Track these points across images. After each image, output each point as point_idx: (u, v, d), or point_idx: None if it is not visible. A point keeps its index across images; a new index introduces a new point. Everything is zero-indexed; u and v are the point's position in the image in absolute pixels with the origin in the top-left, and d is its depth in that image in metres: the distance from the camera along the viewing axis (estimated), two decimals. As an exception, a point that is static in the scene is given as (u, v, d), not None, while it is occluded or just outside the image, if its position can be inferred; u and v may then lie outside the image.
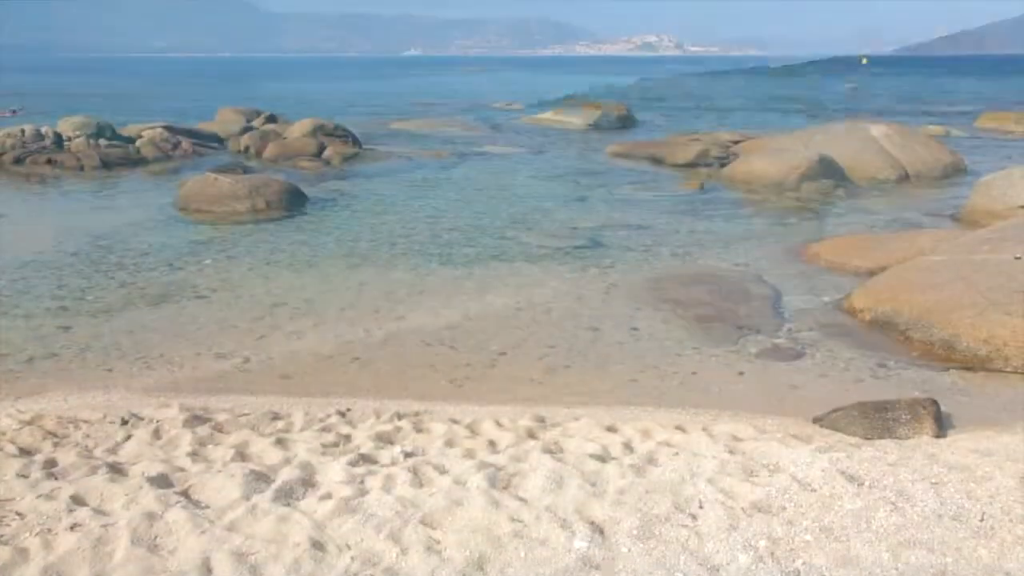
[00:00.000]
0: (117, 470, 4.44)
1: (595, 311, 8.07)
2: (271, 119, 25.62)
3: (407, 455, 4.71)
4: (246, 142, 20.56)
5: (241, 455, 4.75)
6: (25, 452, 4.77)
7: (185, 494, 4.11)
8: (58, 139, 18.86)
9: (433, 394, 6.08)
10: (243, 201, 12.79)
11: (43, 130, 18.93)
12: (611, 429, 5.16)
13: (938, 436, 4.97)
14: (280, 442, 4.92)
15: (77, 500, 4.03)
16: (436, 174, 17.32)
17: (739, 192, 15.13)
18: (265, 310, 8.07)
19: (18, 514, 3.90)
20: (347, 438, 5.06)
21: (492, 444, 4.94)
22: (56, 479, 4.33)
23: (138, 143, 19.72)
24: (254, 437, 5.05)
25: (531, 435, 5.08)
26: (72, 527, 3.74)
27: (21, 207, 13.73)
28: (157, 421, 5.32)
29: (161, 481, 4.25)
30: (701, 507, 3.87)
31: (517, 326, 7.63)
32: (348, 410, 5.61)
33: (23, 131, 18.69)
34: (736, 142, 20.72)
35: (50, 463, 4.57)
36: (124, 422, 5.29)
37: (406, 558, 3.47)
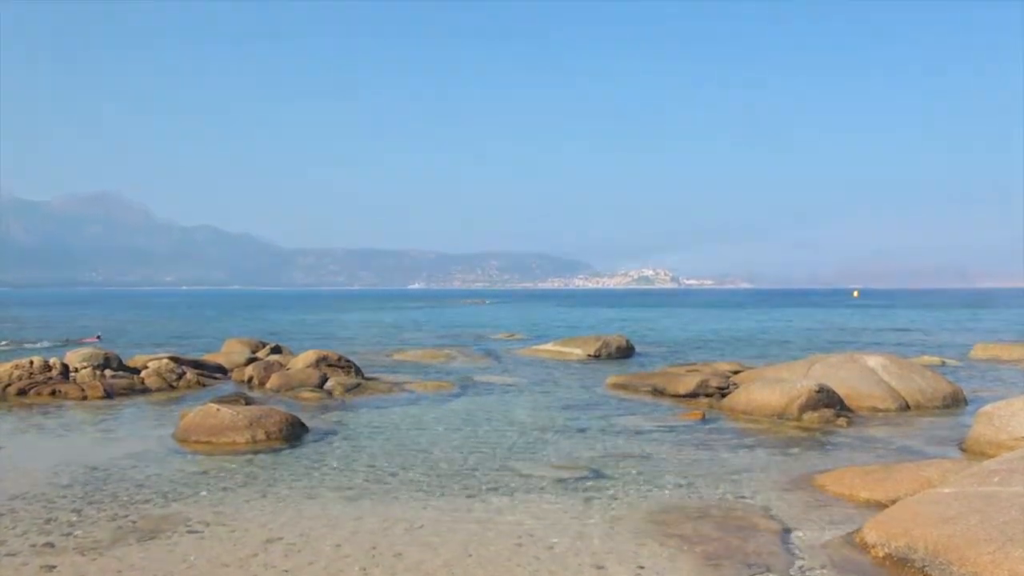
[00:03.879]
0: None
1: (599, 547, 7.80)
2: (276, 350, 26.18)
3: None
4: (250, 373, 20.79)
5: None
6: None
7: None
8: (65, 370, 19.11)
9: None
10: (243, 432, 12.75)
11: (51, 361, 19.24)
12: None
13: None
14: None
15: None
16: (437, 405, 17.38)
17: (741, 422, 15.10)
18: (259, 546, 7.81)
19: None
20: None
21: None
22: None
23: (143, 373, 19.96)
24: None
25: None
26: None
27: (20, 438, 13.65)
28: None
29: None
30: None
31: (518, 564, 7.35)
32: (340, 657, 5.30)
33: (31, 362, 18.97)
34: (735, 372, 20.98)
35: None
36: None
37: None
